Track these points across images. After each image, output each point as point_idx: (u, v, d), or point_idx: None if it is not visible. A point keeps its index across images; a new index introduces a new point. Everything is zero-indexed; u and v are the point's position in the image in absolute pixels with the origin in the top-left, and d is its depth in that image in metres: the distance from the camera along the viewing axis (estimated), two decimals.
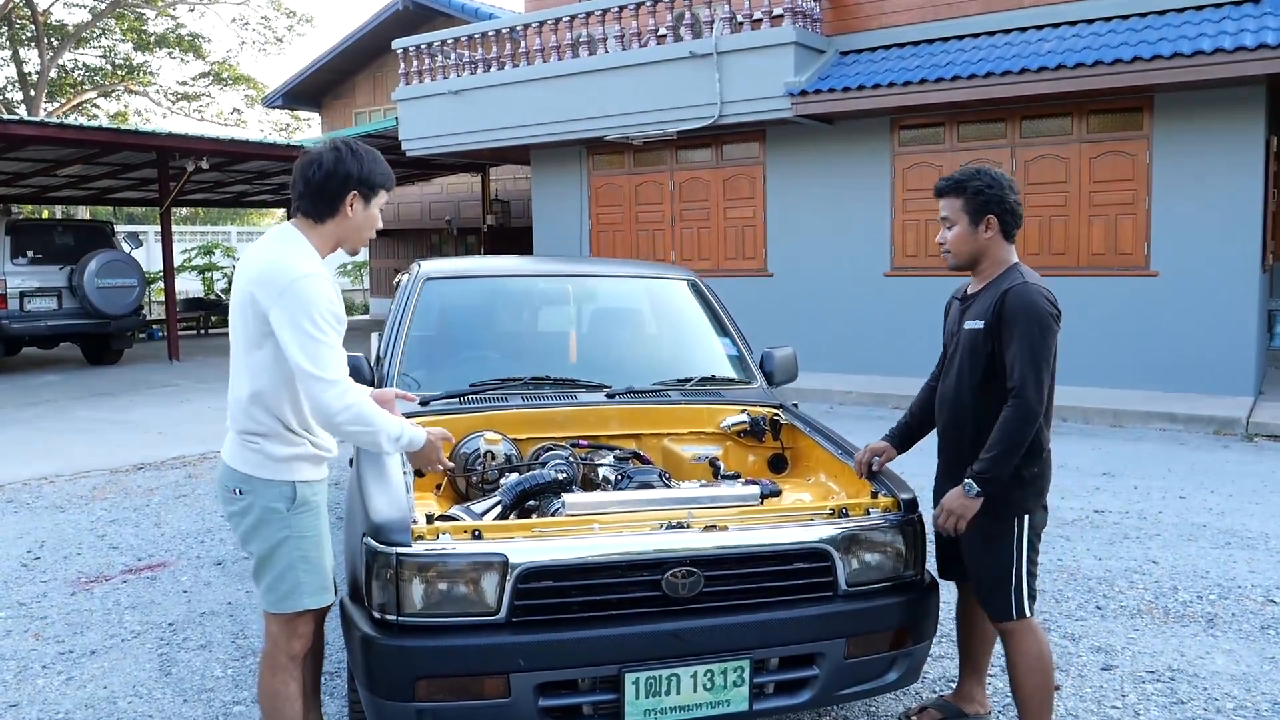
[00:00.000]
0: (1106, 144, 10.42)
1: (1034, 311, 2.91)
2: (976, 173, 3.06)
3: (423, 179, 20.96)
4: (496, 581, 2.68)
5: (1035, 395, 2.87)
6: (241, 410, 2.73)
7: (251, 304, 2.62)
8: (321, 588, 2.80)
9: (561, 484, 3.21)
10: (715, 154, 13.15)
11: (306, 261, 2.62)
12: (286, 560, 2.74)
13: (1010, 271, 3.06)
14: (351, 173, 2.67)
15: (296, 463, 2.74)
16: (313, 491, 2.79)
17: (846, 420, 9.59)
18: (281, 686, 2.82)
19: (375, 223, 2.80)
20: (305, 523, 2.76)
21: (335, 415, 2.56)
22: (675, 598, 2.79)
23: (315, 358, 2.53)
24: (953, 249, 3.11)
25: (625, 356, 4.42)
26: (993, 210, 3.02)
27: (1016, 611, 3.01)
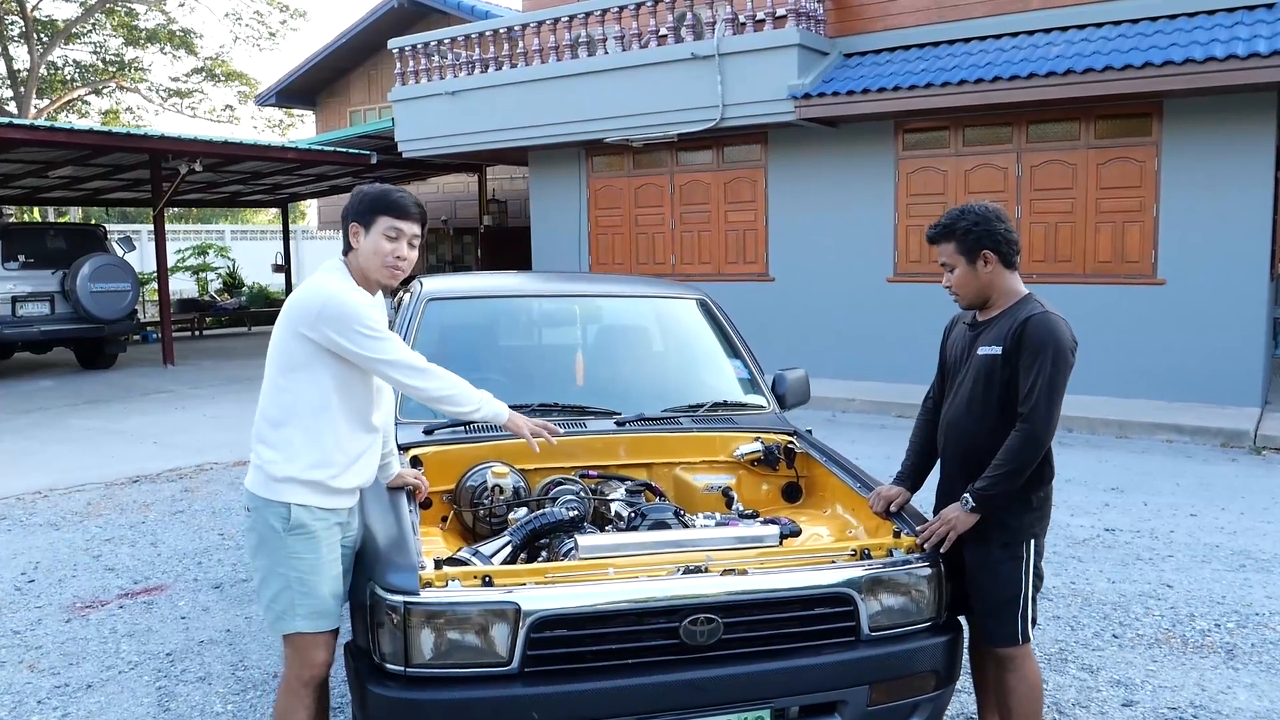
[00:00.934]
0: (1114, 150, 10.31)
1: (1057, 342, 2.89)
2: (960, 213, 3.05)
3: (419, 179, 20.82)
4: (509, 630, 2.58)
5: (1045, 423, 2.86)
6: (262, 426, 2.81)
7: (293, 335, 2.74)
8: (316, 613, 2.76)
9: (573, 522, 3.11)
10: (716, 156, 13.04)
11: (335, 282, 2.76)
12: (282, 581, 2.75)
13: (1027, 300, 3.03)
14: (350, 207, 2.84)
15: (294, 486, 2.74)
16: (313, 517, 2.75)
17: (849, 429, 9.51)
18: (291, 712, 2.81)
19: (378, 251, 2.79)
20: (301, 546, 2.74)
21: (423, 386, 2.78)
22: (693, 645, 2.69)
23: (381, 350, 2.71)
24: (959, 291, 3.10)
25: (634, 380, 4.32)
26: (985, 245, 3.00)
27: (1022, 636, 2.98)
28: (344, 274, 2.82)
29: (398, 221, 2.79)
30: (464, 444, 3.56)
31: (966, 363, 3.09)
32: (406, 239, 2.82)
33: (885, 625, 2.89)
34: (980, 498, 2.91)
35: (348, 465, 2.80)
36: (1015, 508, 2.95)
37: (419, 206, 2.87)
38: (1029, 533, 2.97)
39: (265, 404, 2.80)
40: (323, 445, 2.75)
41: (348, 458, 2.79)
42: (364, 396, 2.82)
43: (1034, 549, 2.98)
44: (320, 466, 2.74)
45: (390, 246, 2.79)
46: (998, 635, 2.99)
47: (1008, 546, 2.96)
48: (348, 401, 2.78)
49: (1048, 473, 2.99)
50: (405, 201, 2.82)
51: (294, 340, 2.74)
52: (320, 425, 2.74)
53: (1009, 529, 2.96)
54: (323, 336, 2.69)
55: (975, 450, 2.99)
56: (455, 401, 2.86)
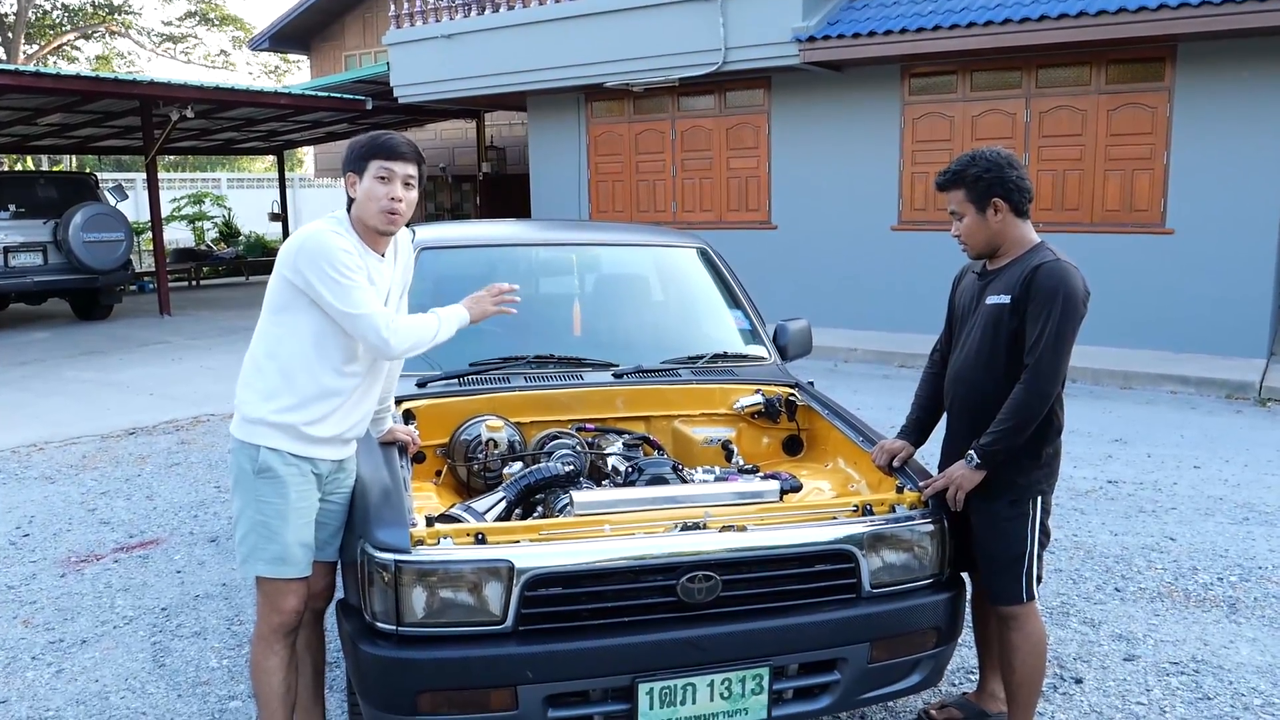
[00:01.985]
0: (1125, 95, 10.11)
1: (1069, 291, 2.79)
2: (971, 159, 2.93)
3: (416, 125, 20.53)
4: (502, 589, 2.52)
5: (1050, 375, 2.78)
6: (245, 367, 2.79)
7: (278, 278, 2.72)
8: (278, 559, 2.73)
9: (569, 477, 3.04)
10: (718, 102, 12.82)
11: (321, 225, 2.72)
12: (249, 522, 2.73)
13: (1039, 248, 2.93)
14: (347, 158, 2.79)
15: (264, 428, 2.71)
16: (283, 462, 2.71)
17: (851, 379, 9.44)
18: (261, 658, 2.80)
19: (375, 194, 2.73)
20: (269, 490, 2.71)
21: (391, 340, 2.68)
22: (691, 603, 2.63)
23: (345, 298, 2.62)
24: (968, 240, 2.99)
25: (632, 331, 4.23)
26: (996, 192, 2.88)
27: (1026, 594, 2.93)
28: (341, 224, 2.77)
29: (388, 162, 2.72)
30: (458, 397, 3.48)
31: (975, 313, 3.00)
32: (400, 179, 2.73)
33: (887, 582, 2.83)
34: (984, 454, 2.84)
35: (327, 413, 2.74)
36: (1023, 463, 2.88)
37: (411, 145, 2.79)
38: (1036, 489, 2.90)
39: (252, 346, 2.79)
40: (298, 390, 2.71)
41: (326, 406, 2.74)
42: (349, 344, 2.74)
43: (1041, 506, 2.91)
44: (293, 410, 2.71)
45: (384, 189, 2.71)
46: (1003, 593, 2.94)
47: (1015, 504, 2.89)
48: (328, 347, 2.71)
49: (1056, 427, 2.92)
50: (394, 141, 2.75)
51: (279, 283, 2.71)
52: (296, 369, 2.71)
53: (1016, 486, 2.89)
54: (300, 278, 2.65)
55: (983, 403, 2.91)
56: (420, 345, 2.79)
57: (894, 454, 3.17)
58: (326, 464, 2.79)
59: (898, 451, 3.17)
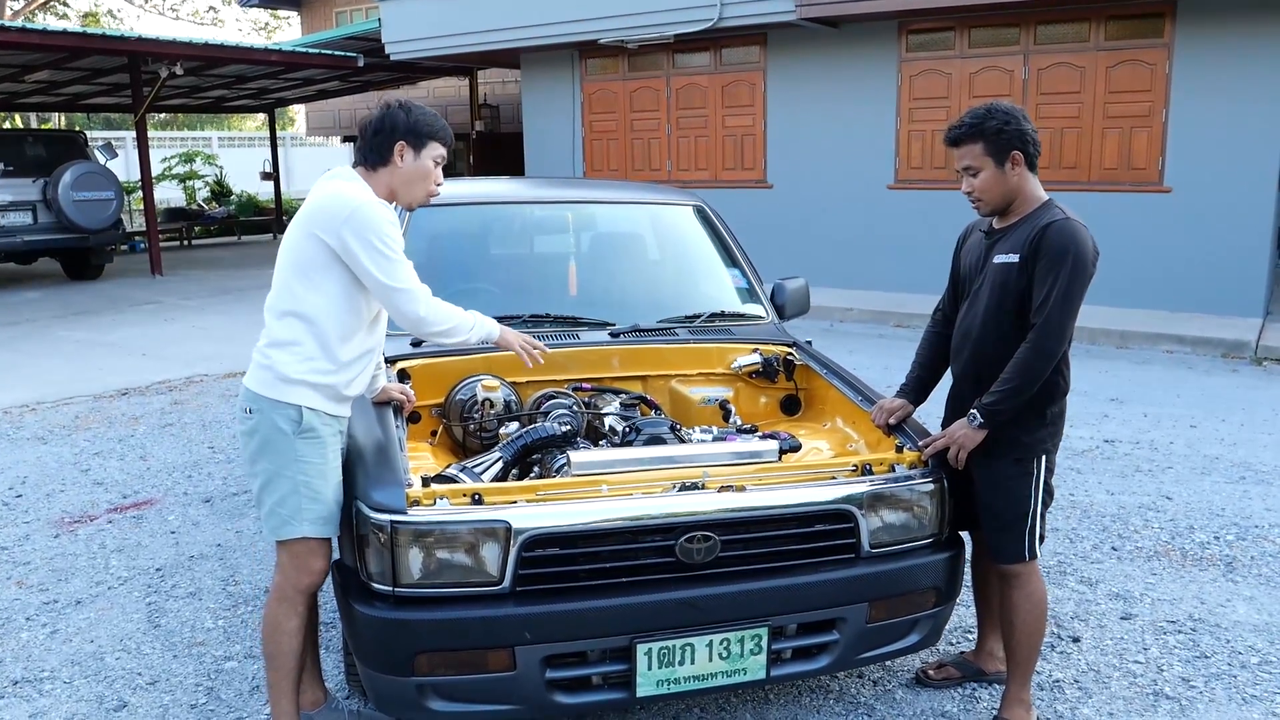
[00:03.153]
0: (1124, 53, 9.99)
1: (1078, 250, 2.74)
2: (988, 111, 2.84)
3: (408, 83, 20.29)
4: (499, 549, 2.50)
5: (1057, 335, 2.74)
6: (274, 325, 2.72)
7: (309, 238, 2.65)
8: (323, 519, 2.71)
9: (565, 437, 3.01)
10: (714, 59, 12.66)
11: (363, 192, 2.69)
12: (290, 484, 2.67)
13: (1048, 206, 2.88)
14: (399, 123, 2.74)
15: (305, 388, 2.67)
16: (322, 422, 2.70)
17: (848, 338, 9.41)
18: (284, 619, 2.76)
19: (427, 176, 2.80)
20: (311, 450, 2.68)
21: (427, 317, 2.72)
22: (689, 564, 2.62)
23: (391, 273, 2.63)
24: (984, 196, 2.89)
25: (629, 290, 4.18)
26: (1016, 146, 2.83)
27: (1029, 553, 2.91)
28: (365, 186, 2.73)
29: (444, 148, 2.82)
30: (453, 356, 3.44)
31: (982, 272, 2.95)
32: (441, 163, 2.85)
33: (886, 542, 2.82)
34: (987, 413, 2.81)
35: (357, 372, 2.78)
36: (1030, 423, 2.85)
37: None
38: (1041, 448, 2.88)
39: (277, 303, 2.72)
40: (333, 351, 2.69)
41: (357, 365, 2.77)
42: (371, 302, 2.75)
43: (1045, 465, 2.90)
44: (335, 373, 2.70)
45: (437, 172, 2.81)
46: (1005, 552, 2.93)
47: (1020, 462, 2.87)
48: (360, 308, 2.72)
49: (1063, 386, 2.89)
50: (449, 132, 2.86)
51: (310, 242, 2.65)
52: (331, 331, 2.68)
53: (1021, 444, 2.86)
54: (340, 243, 2.61)
55: (990, 364, 2.87)
56: (452, 333, 2.82)
57: (892, 412, 3.14)
58: (346, 420, 2.83)
59: (896, 410, 3.15)
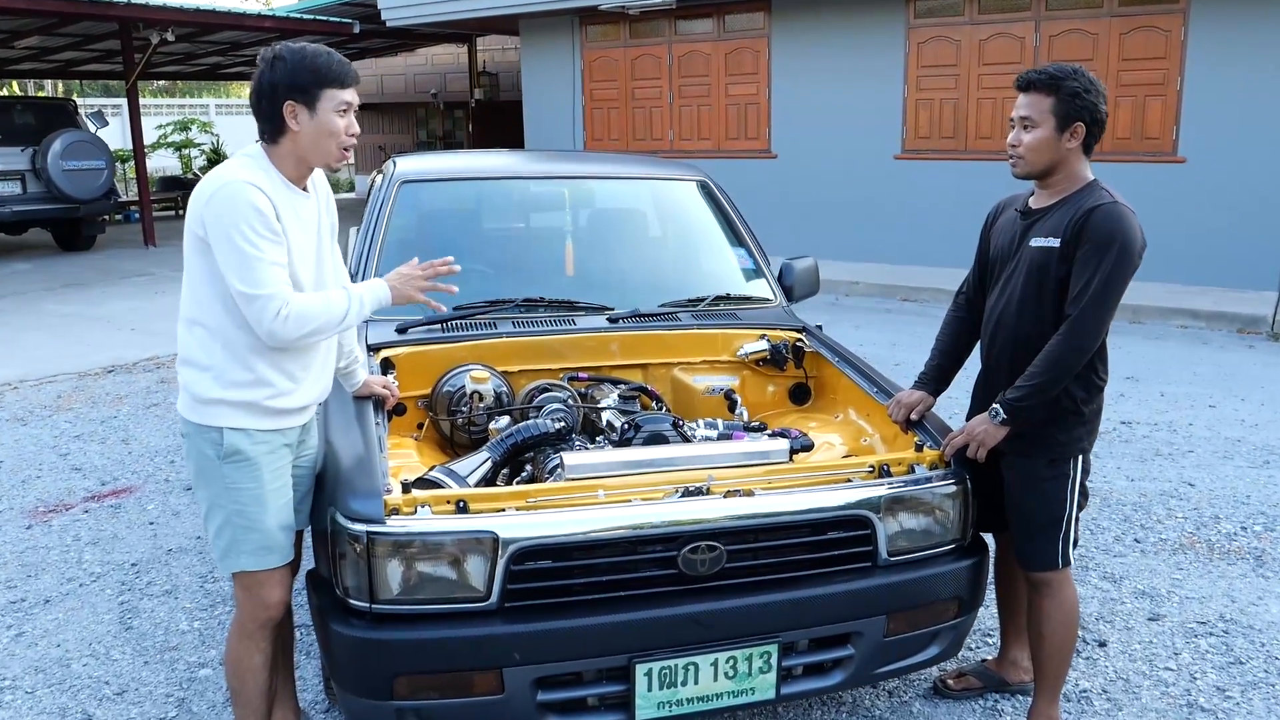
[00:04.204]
0: (1139, 19, 9.68)
1: (1125, 238, 2.53)
2: (1074, 71, 2.60)
3: (406, 50, 19.93)
4: (486, 562, 2.29)
5: (1094, 330, 2.54)
6: (183, 339, 2.43)
7: (190, 235, 2.36)
8: (264, 549, 2.45)
9: (559, 434, 2.79)
10: (717, 25, 12.33)
11: (238, 170, 2.33)
12: (223, 514, 2.43)
13: (1093, 188, 2.64)
14: (278, 82, 2.33)
15: (223, 408, 2.38)
16: (251, 441, 2.40)
17: (853, 313, 9.19)
18: (246, 656, 2.52)
19: (333, 130, 2.37)
20: (241, 475, 2.40)
21: (279, 330, 2.30)
22: (693, 576, 2.41)
23: (246, 274, 2.26)
24: (1027, 155, 2.65)
25: (629, 272, 3.94)
26: (1083, 118, 2.58)
27: (1063, 559, 2.71)
28: (261, 163, 2.37)
29: (343, 91, 2.38)
30: (441, 344, 3.22)
31: (1017, 255, 2.72)
32: (353, 110, 2.43)
33: (905, 549, 2.62)
34: (1011, 408, 2.60)
35: (291, 384, 2.44)
36: (1065, 419, 2.63)
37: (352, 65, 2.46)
38: (1077, 447, 2.67)
39: (182, 311, 2.43)
40: (251, 363, 2.37)
41: (287, 375, 2.43)
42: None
43: (1081, 465, 2.68)
44: (254, 386, 2.38)
45: (344, 122, 2.39)
46: (1036, 558, 2.72)
47: (1055, 463, 2.66)
48: None
49: (1099, 382, 2.67)
50: (345, 64, 2.41)
51: (193, 241, 2.34)
52: (240, 340, 2.35)
53: (1057, 444, 2.65)
54: (205, 232, 2.29)
55: (1026, 354, 2.65)
56: (324, 329, 2.38)
57: (912, 407, 2.92)
58: (295, 431, 2.52)
59: (916, 404, 2.93)
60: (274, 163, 2.39)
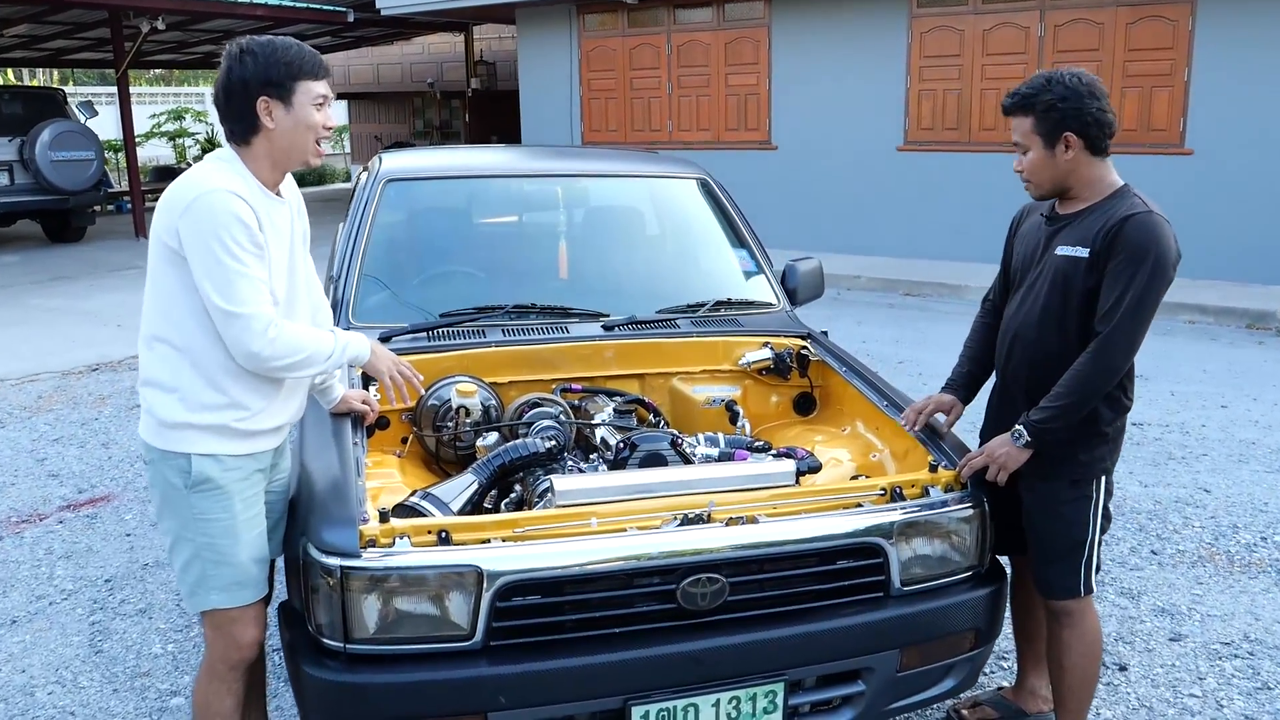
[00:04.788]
0: (1146, 8, 9.50)
1: (1160, 252, 2.34)
2: (1046, 83, 2.43)
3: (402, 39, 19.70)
4: (470, 597, 2.12)
5: (1126, 349, 2.38)
6: (145, 359, 2.27)
7: (157, 244, 2.21)
8: (236, 584, 2.28)
9: (550, 454, 2.62)
10: (717, 14, 12.12)
11: (214, 176, 2.16)
12: (191, 548, 2.25)
13: (1123, 194, 2.46)
14: (248, 77, 2.18)
15: (192, 432, 2.21)
16: (222, 468, 2.23)
17: (855, 308, 9.02)
18: (216, 700, 2.35)
19: (311, 123, 2.23)
20: (209, 505, 2.23)
21: (264, 352, 2.16)
22: (693, 610, 2.25)
23: (226, 289, 2.11)
24: (1031, 178, 2.51)
25: (625, 276, 3.76)
26: (1070, 126, 2.41)
27: (1084, 586, 2.55)
28: (236, 167, 2.21)
29: (319, 85, 2.24)
30: (426, 354, 3.04)
31: (1040, 263, 2.55)
32: (328, 104, 2.29)
33: (920, 577, 2.45)
34: (1036, 430, 2.43)
35: (264, 403, 2.27)
36: (1087, 439, 2.48)
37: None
38: (1100, 467, 2.51)
39: (144, 328, 2.26)
40: (222, 384, 2.21)
41: (260, 395, 2.26)
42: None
43: (1104, 486, 2.53)
44: (225, 409, 2.21)
45: (320, 117, 2.25)
46: (1057, 586, 2.56)
47: (1077, 484, 2.50)
48: None
49: (1125, 400, 2.52)
50: (320, 58, 2.27)
51: (161, 251, 2.18)
52: (211, 359, 2.19)
53: (1078, 464, 2.49)
54: (179, 243, 2.13)
55: (1047, 369, 2.49)
56: (307, 364, 2.24)
57: (942, 407, 2.77)
58: (268, 454, 2.35)
59: (947, 406, 2.78)
60: (248, 166, 2.23)
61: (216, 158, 2.24)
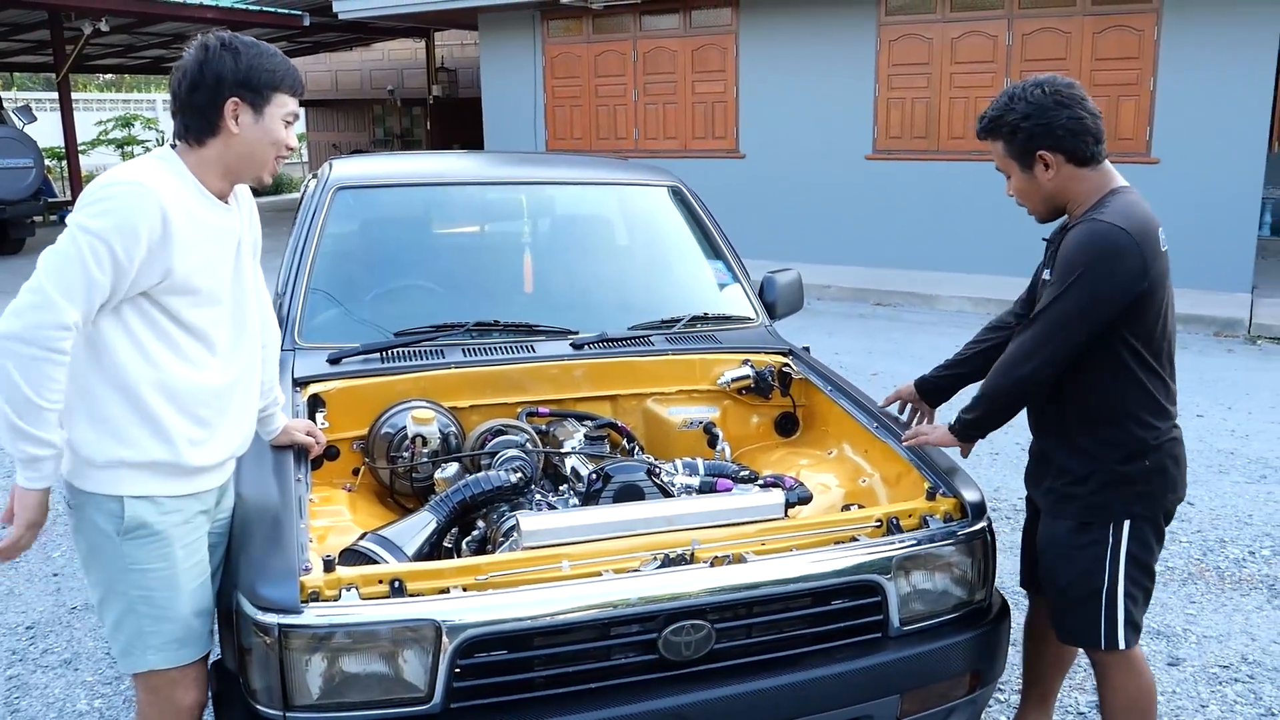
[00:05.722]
0: (1112, 18, 9.49)
1: (1094, 260, 2.13)
2: (1009, 100, 2.26)
3: (361, 44, 19.38)
4: (427, 655, 1.90)
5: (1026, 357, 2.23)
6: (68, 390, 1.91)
7: None
8: (176, 641, 2.01)
9: (515, 488, 2.40)
10: (683, 21, 11.96)
11: (144, 174, 1.90)
12: (124, 602, 1.99)
13: (1099, 203, 2.24)
14: (224, 74, 1.95)
15: (124, 471, 1.94)
16: (161, 511, 1.97)
17: (826, 318, 8.87)
18: None
19: (276, 139, 2.02)
20: (145, 554, 1.97)
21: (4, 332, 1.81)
22: (677, 660, 2.04)
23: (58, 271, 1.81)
24: (1025, 203, 2.38)
25: (594, 289, 3.54)
26: (1041, 144, 2.22)
27: (1107, 640, 2.31)
28: (174, 168, 1.96)
29: (293, 102, 2.05)
30: (379, 377, 2.80)
31: (1038, 289, 2.42)
32: (296, 122, 2.09)
33: (920, 615, 2.26)
34: (960, 423, 2.42)
35: (206, 433, 2.01)
36: (1094, 478, 2.28)
37: None
38: (1116, 512, 2.28)
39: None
40: (155, 411, 1.94)
41: (198, 422, 2.00)
42: (207, 331, 2.01)
43: (1129, 533, 2.28)
44: (160, 440, 1.95)
45: (285, 135, 2.04)
46: (1076, 633, 2.38)
47: (1086, 528, 2.30)
48: (177, 341, 1.96)
49: (1142, 436, 2.25)
50: (300, 76, 2.08)
51: None
52: (141, 382, 1.93)
53: (1084, 503, 2.29)
54: None
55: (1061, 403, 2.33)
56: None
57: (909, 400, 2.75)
58: (212, 494, 2.10)
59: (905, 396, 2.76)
60: (193, 170, 1.98)
61: (155, 156, 2.00)
